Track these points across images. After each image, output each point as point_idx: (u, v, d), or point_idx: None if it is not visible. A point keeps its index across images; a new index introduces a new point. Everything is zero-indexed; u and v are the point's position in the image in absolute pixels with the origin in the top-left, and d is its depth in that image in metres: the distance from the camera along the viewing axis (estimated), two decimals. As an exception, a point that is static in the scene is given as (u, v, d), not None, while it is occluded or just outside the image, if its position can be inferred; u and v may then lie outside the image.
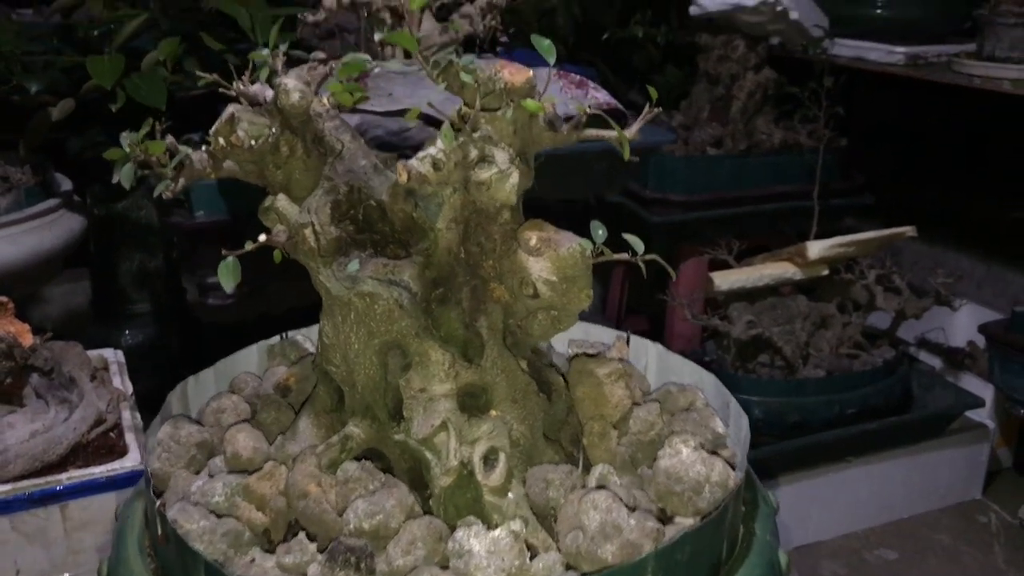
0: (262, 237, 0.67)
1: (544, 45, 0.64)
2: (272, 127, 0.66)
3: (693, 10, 2.17)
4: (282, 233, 0.67)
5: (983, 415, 2.12)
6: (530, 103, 0.65)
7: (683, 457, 0.72)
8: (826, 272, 2.00)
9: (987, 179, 2.49)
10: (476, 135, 0.65)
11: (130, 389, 1.50)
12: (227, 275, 0.65)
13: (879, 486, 2.00)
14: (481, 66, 0.64)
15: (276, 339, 0.99)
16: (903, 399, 2.03)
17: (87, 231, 1.88)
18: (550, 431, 0.77)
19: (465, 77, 0.63)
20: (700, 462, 0.72)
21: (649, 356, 0.94)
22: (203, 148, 0.69)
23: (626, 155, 0.68)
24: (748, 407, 1.84)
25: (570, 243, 0.70)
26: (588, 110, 0.71)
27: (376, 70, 1.36)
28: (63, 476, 1.26)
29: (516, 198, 0.67)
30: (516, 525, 0.69)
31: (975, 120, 2.45)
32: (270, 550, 0.71)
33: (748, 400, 1.85)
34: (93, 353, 1.54)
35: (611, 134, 0.69)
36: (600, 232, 0.68)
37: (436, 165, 0.63)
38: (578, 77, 1.43)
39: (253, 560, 0.66)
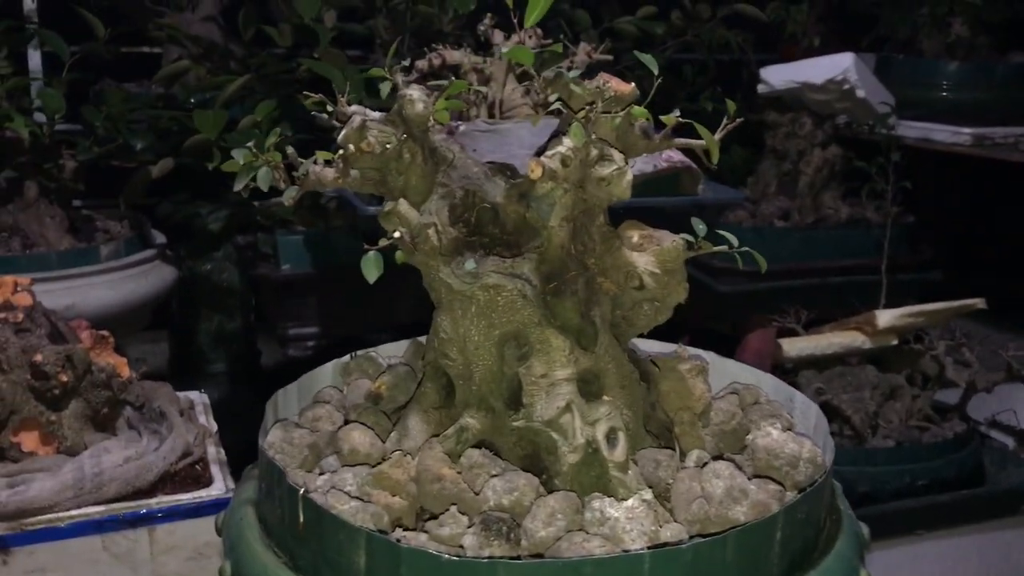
0: (396, 233, 0.73)
1: (647, 58, 0.70)
2: (396, 135, 0.73)
3: (761, 88, 2.25)
4: (405, 234, 0.73)
5: (1059, 496, 2.07)
6: (637, 109, 0.72)
7: (775, 437, 0.77)
8: (895, 343, 2.00)
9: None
10: (594, 137, 0.71)
11: (215, 427, 1.56)
12: (370, 267, 0.71)
13: (952, 563, 1.95)
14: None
15: (347, 358, 1.05)
16: (975, 474, 1.99)
17: (176, 284, 1.97)
18: (643, 421, 0.81)
19: (575, 87, 0.70)
20: (792, 440, 0.77)
21: (708, 361, 0.99)
22: (329, 157, 0.75)
23: (714, 158, 0.74)
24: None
25: (670, 238, 0.76)
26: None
27: (462, 128, 1.45)
28: (153, 501, 1.32)
29: (629, 194, 0.73)
30: (647, 495, 0.74)
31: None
32: (411, 529, 0.75)
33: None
34: (180, 394, 1.61)
35: (700, 143, 0.75)
36: (701, 227, 0.74)
37: (564, 161, 0.69)
38: (654, 136, 1.50)
39: (399, 540, 0.70)
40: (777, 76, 2.20)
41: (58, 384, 1.34)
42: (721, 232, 0.75)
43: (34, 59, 2.79)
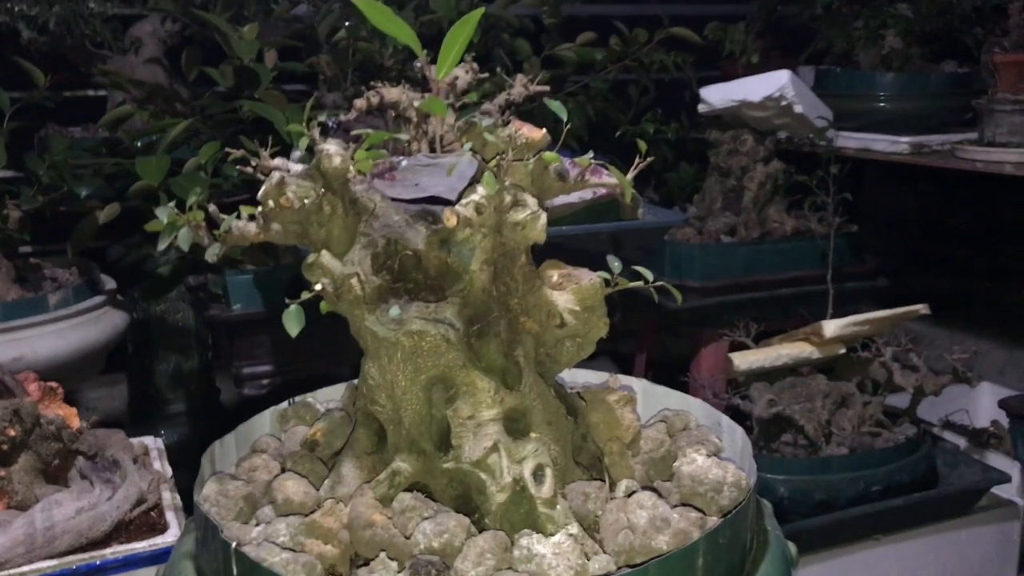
0: (318, 286, 0.74)
1: (555, 105, 0.73)
2: (315, 189, 0.75)
3: (701, 107, 2.29)
4: (328, 284, 0.75)
5: (1012, 492, 2.11)
6: (548, 155, 0.74)
7: (700, 463, 0.79)
8: (843, 351, 2.04)
9: (994, 260, 2.55)
10: (507, 183, 0.73)
11: (169, 472, 1.56)
12: (292, 321, 0.73)
13: (909, 565, 1.99)
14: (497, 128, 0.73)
15: (285, 404, 1.06)
16: (928, 477, 2.03)
17: (129, 328, 1.97)
18: (573, 453, 0.83)
19: (488, 136, 0.72)
20: (716, 466, 0.80)
21: (636, 390, 1.01)
22: (252, 213, 0.77)
23: (627, 198, 0.76)
24: (773, 486, 1.88)
25: (588, 277, 0.78)
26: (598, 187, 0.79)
27: (404, 163, 1.46)
28: (107, 551, 1.31)
29: (544, 237, 0.75)
30: (574, 529, 0.76)
31: (979, 203, 2.53)
32: (342, 579, 0.76)
33: (773, 479, 1.87)
34: (134, 440, 1.61)
35: (612, 181, 0.77)
36: (616, 264, 0.76)
37: (479, 209, 0.71)
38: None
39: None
40: (716, 95, 2.25)
41: (6, 439, 1.34)
42: (637, 268, 0.77)
43: (-27, 108, 2.78)
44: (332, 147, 0.74)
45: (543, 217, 0.74)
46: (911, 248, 2.68)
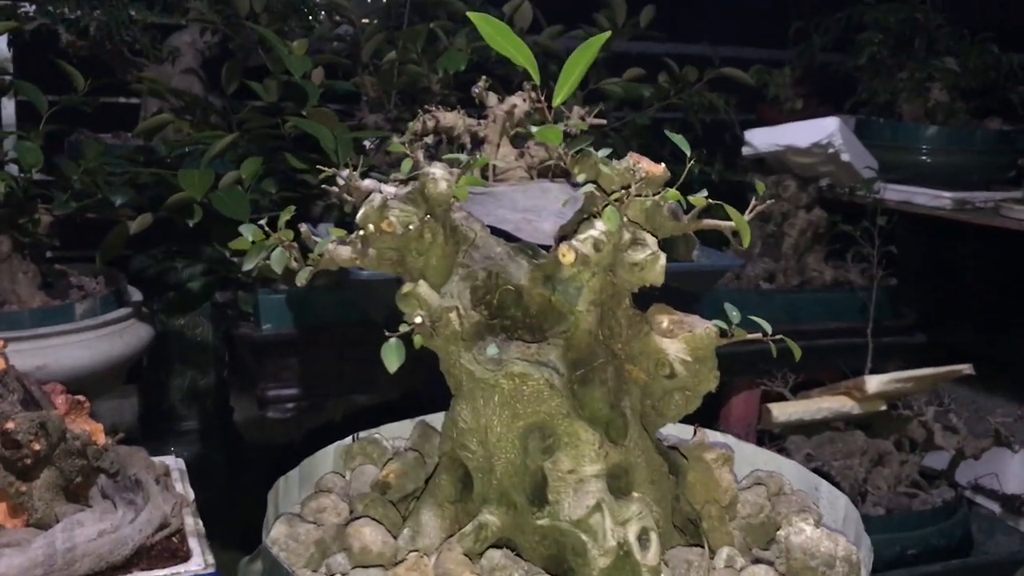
0: (417, 319, 0.69)
1: (678, 138, 0.68)
2: (417, 215, 0.70)
3: (745, 150, 2.25)
4: (425, 317, 0.69)
5: (1048, 563, 2.05)
6: (671, 192, 0.69)
7: (809, 534, 0.74)
8: (883, 408, 1.99)
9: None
10: (625, 220, 0.68)
11: (192, 495, 1.50)
12: (392, 355, 0.68)
13: (943, 633, 1.92)
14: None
15: (349, 440, 1.00)
16: (964, 542, 1.97)
17: (155, 340, 1.92)
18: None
19: (603, 168, 0.67)
20: (826, 538, 0.74)
21: (732, 449, 0.94)
22: (351, 235, 0.72)
23: (745, 242, 0.71)
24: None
25: (703, 325, 0.73)
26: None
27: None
28: (128, 577, 1.25)
29: (663, 279, 0.70)
30: None
31: (1022, 263, 2.49)
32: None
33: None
34: (155, 459, 1.55)
35: (729, 224, 0.73)
36: (735, 314, 0.71)
37: (597, 246, 0.66)
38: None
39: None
40: (762, 139, 2.21)
41: (30, 453, 1.28)
42: (754, 319, 0.72)
43: (7, 109, 2.75)
44: (439, 170, 0.69)
45: (662, 258, 0.69)
46: (949, 305, 2.64)
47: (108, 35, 2.21)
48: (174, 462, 1.62)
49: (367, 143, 2.06)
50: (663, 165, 0.71)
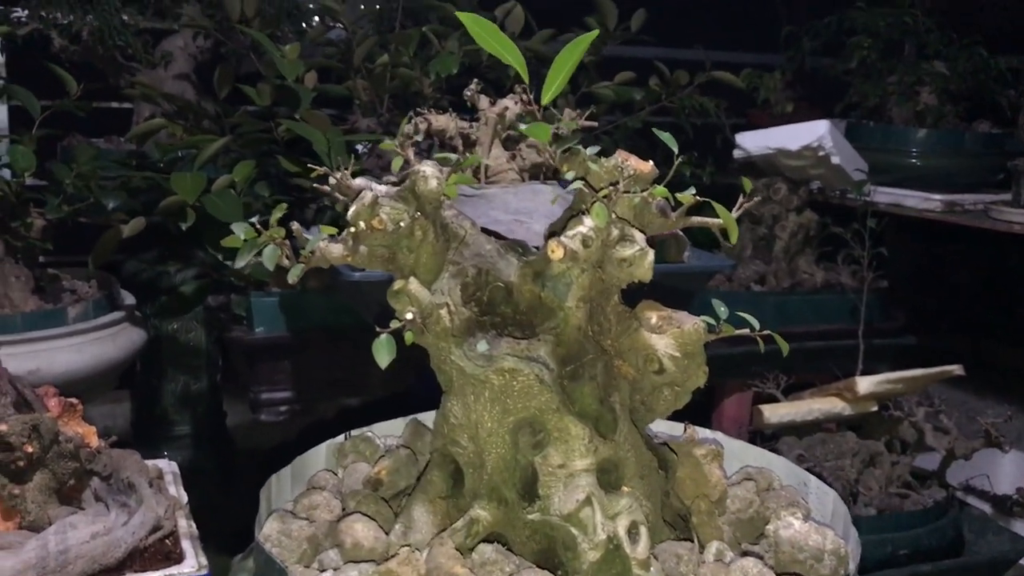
0: (408, 316, 0.69)
1: (666, 136, 0.69)
2: (408, 212, 0.70)
3: (736, 153, 2.26)
4: (416, 314, 0.70)
5: (1039, 563, 2.06)
6: (659, 188, 0.70)
7: (798, 528, 0.74)
8: (874, 409, 1.99)
9: (1014, 323, 2.52)
10: (614, 216, 0.69)
11: (185, 498, 1.50)
12: (382, 351, 0.68)
13: (935, 633, 1.93)
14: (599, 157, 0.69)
15: (341, 438, 1.00)
16: (956, 543, 1.98)
17: (148, 344, 1.92)
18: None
19: (592, 165, 0.68)
20: (815, 531, 0.75)
21: (722, 445, 0.95)
22: (342, 232, 0.72)
23: (733, 239, 0.72)
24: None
25: (691, 321, 0.73)
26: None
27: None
28: (121, 579, 1.25)
29: (651, 275, 0.71)
30: None
31: (1011, 265, 2.50)
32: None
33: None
34: (148, 463, 1.55)
35: (717, 221, 0.73)
36: (723, 309, 0.72)
37: (586, 242, 0.67)
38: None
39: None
40: (752, 142, 2.22)
41: (23, 456, 1.28)
42: (741, 315, 0.73)
43: (-1, 113, 2.75)
44: (429, 168, 0.70)
45: (651, 255, 0.70)
46: (939, 307, 2.65)
47: (100, 40, 2.21)
48: (167, 465, 1.62)
49: (359, 147, 2.06)
50: (651, 163, 0.72)
